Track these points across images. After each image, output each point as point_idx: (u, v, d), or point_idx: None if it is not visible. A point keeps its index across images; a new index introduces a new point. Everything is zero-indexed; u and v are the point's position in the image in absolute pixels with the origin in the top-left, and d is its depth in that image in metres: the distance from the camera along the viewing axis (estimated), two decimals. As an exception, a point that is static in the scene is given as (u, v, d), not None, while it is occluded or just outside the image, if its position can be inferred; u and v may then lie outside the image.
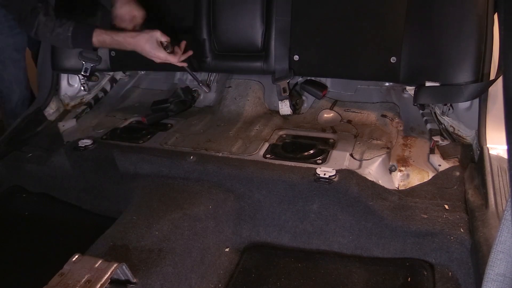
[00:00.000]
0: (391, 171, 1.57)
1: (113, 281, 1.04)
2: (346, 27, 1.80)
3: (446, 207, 1.35)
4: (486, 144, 1.50)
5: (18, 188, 1.86)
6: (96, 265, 1.03)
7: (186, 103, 2.12)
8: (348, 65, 1.83)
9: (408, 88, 1.86)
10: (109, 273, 1.01)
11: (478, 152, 1.52)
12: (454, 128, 1.70)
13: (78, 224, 1.67)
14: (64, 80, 2.25)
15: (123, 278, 1.07)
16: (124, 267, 1.05)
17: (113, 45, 1.79)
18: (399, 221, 1.33)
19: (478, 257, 1.13)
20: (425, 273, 1.25)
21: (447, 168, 1.52)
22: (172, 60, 1.75)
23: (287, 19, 1.88)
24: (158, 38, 1.71)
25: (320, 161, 1.57)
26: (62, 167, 1.79)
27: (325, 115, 1.93)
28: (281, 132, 1.81)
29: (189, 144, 1.76)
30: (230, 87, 2.10)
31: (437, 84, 1.63)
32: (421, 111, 1.80)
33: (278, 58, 1.92)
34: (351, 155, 1.61)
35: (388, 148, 1.63)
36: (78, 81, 2.26)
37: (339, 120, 1.89)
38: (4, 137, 1.98)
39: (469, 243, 1.23)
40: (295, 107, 1.99)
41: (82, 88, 2.27)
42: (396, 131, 1.77)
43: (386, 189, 1.44)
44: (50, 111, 2.18)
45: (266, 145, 1.71)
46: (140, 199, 1.48)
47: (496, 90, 1.50)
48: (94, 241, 1.26)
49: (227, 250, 1.44)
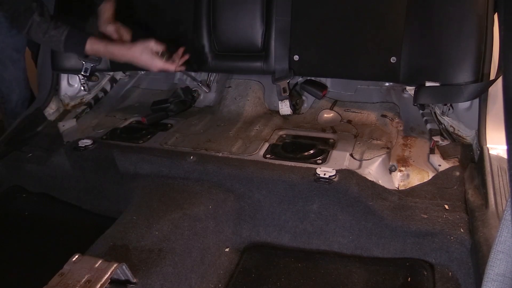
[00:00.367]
0: (391, 171, 1.57)
1: (113, 281, 1.04)
2: (346, 27, 1.80)
3: (446, 207, 1.35)
4: (486, 144, 1.50)
5: (18, 188, 1.86)
6: (96, 265, 1.03)
7: (186, 103, 2.12)
8: (348, 65, 1.83)
9: (408, 88, 1.86)
10: (109, 273, 1.01)
11: (478, 152, 1.52)
12: (454, 128, 1.70)
13: (78, 224, 1.67)
14: (64, 80, 2.25)
15: (123, 278, 1.07)
16: (124, 267, 1.05)
17: (107, 54, 1.79)
18: (399, 221, 1.33)
19: (478, 257, 1.13)
20: (425, 273, 1.25)
21: (447, 168, 1.52)
22: (169, 68, 1.74)
23: (287, 19, 1.88)
24: (153, 47, 1.70)
25: (320, 161, 1.57)
26: (62, 167, 1.79)
27: (325, 115, 1.93)
28: (281, 132, 1.81)
29: (189, 144, 1.76)
30: (230, 87, 2.10)
31: (437, 84, 1.63)
32: (421, 111, 1.80)
33: (278, 58, 1.92)
34: (351, 155, 1.61)
35: (388, 148, 1.63)
36: (78, 81, 2.26)
37: (339, 120, 1.89)
38: (4, 137, 1.98)
39: (469, 243, 1.22)
40: (295, 107, 1.99)
41: (82, 88, 2.27)
42: (396, 131, 1.77)
43: (386, 189, 1.44)
44: (50, 111, 2.18)
45: (266, 145, 1.71)
46: (140, 199, 1.48)
47: (496, 90, 1.50)
48: (94, 241, 1.26)
49: (227, 250, 1.44)
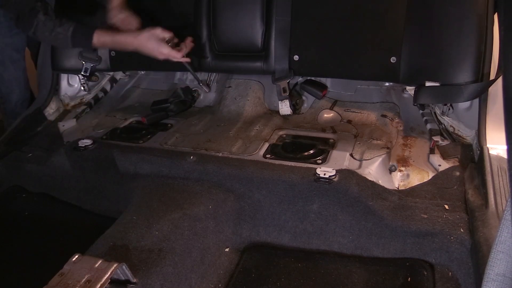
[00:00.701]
0: (391, 171, 1.57)
1: (113, 281, 1.04)
2: (346, 27, 1.80)
3: (446, 207, 1.35)
4: (486, 144, 1.50)
5: (18, 188, 1.86)
6: (96, 265, 1.03)
7: (186, 103, 2.12)
8: (348, 65, 1.83)
9: (408, 88, 1.86)
10: (109, 273, 1.01)
11: (478, 152, 1.52)
12: (454, 128, 1.70)
13: (78, 224, 1.67)
14: (64, 80, 2.25)
15: (123, 278, 1.07)
16: (124, 267, 1.05)
17: (114, 45, 1.79)
18: (399, 221, 1.33)
19: (478, 257, 1.13)
20: (425, 273, 1.25)
21: (447, 168, 1.52)
22: (175, 55, 1.73)
23: (287, 19, 1.88)
24: (160, 34, 1.70)
25: (320, 161, 1.57)
26: (62, 167, 1.79)
27: (325, 115, 1.93)
28: (281, 132, 1.81)
29: (189, 144, 1.76)
30: (230, 87, 2.10)
31: (437, 84, 1.63)
32: (421, 111, 1.80)
33: (278, 58, 1.92)
34: (351, 155, 1.60)
35: (388, 148, 1.63)
36: (78, 81, 2.26)
37: (339, 120, 1.89)
38: (4, 137, 1.98)
39: (469, 243, 1.22)
40: (295, 107, 1.98)
41: (82, 88, 2.27)
42: (396, 131, 1.76)
43: (386, 189, 1.44)
44: (50, 111, 2.18)
45: (266, 145, 1.71)
46: (140, 199, 1.48)
47: (496, 90, 1.50)
48: (94, 241, 1.26)
49: (227, 250, 1.44)
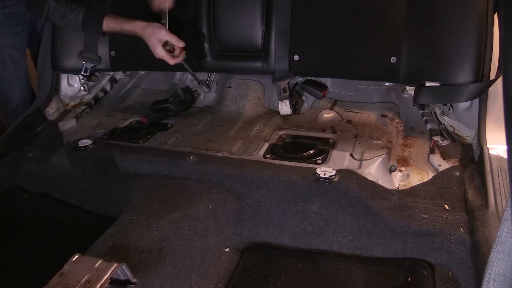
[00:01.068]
0: (391, 171, 1.57)
1: (113, 281, 1.04)
2: (346, 27, 1.80)
3: (446, 207, 1.35)
4: (486, 144, 1.50)
5: (18, 188, 1.86)
6: (96, 265, 1.03)
7: (186, 103, 2.12)
8: (348, 65, 1.83)
9: (408, 88, 1.86)
10: (109, 273, 1.01)
11: (478, 152, 1.52)
12: (454, 128, 1.70)
13: (78, 224, 1.67)
14: (64, 80, 2.25)
15: (123, 278, 1.07)
16: (124, 267, 1.05)
17: (123, 32, 1.82)
18: (399, 221, 1.33)
19: (478, 257, 1.13)
20: (425, 273, 1.25)
21: (447, 168, 1.52)
22: (168, 60, 1.76)
23: (287, 19, 1.88)
24: (162, 36, 1.72)
25: (320, 161, 1.57)
26: (62, 167, 1.79)
27: (325, 115, 1.93)
28: (281, 132, 1.81)
29: (189, 144, 1.76)
30: (230, 87, 2.10)
31: (437, 84, 1.63)
32: (421, 111, 1.80)
33: (278, 58, 1.92)
34: (351, 155, 1.61)
35: (388, 148, 1.63)
36: (78, 81, 2.26)
37: (339, 120, 1.89)
38: (4, 137, 1.98)
39: (469, 243, 1.22)
40: (295, 107, 1.98)
41: (82, 88, 2.27)
42: (396, 131, 1.76)
43: (386, 189, 1.44)
44: (50, 111, 2.18)
45: (266, 145, 1.71)
46: (140, 199, 1.48)
47: (496, 90, 1.50)
48: (94, 241, 1.26)
49: (227, 250, 1.44)
